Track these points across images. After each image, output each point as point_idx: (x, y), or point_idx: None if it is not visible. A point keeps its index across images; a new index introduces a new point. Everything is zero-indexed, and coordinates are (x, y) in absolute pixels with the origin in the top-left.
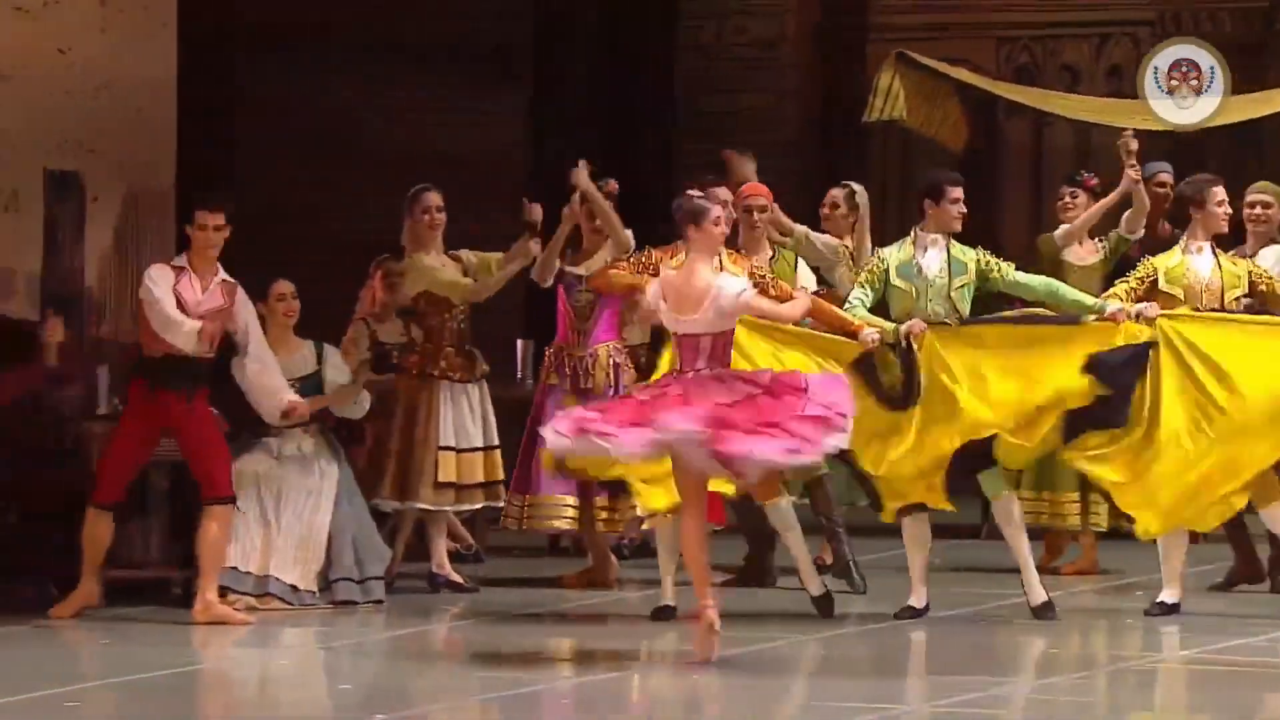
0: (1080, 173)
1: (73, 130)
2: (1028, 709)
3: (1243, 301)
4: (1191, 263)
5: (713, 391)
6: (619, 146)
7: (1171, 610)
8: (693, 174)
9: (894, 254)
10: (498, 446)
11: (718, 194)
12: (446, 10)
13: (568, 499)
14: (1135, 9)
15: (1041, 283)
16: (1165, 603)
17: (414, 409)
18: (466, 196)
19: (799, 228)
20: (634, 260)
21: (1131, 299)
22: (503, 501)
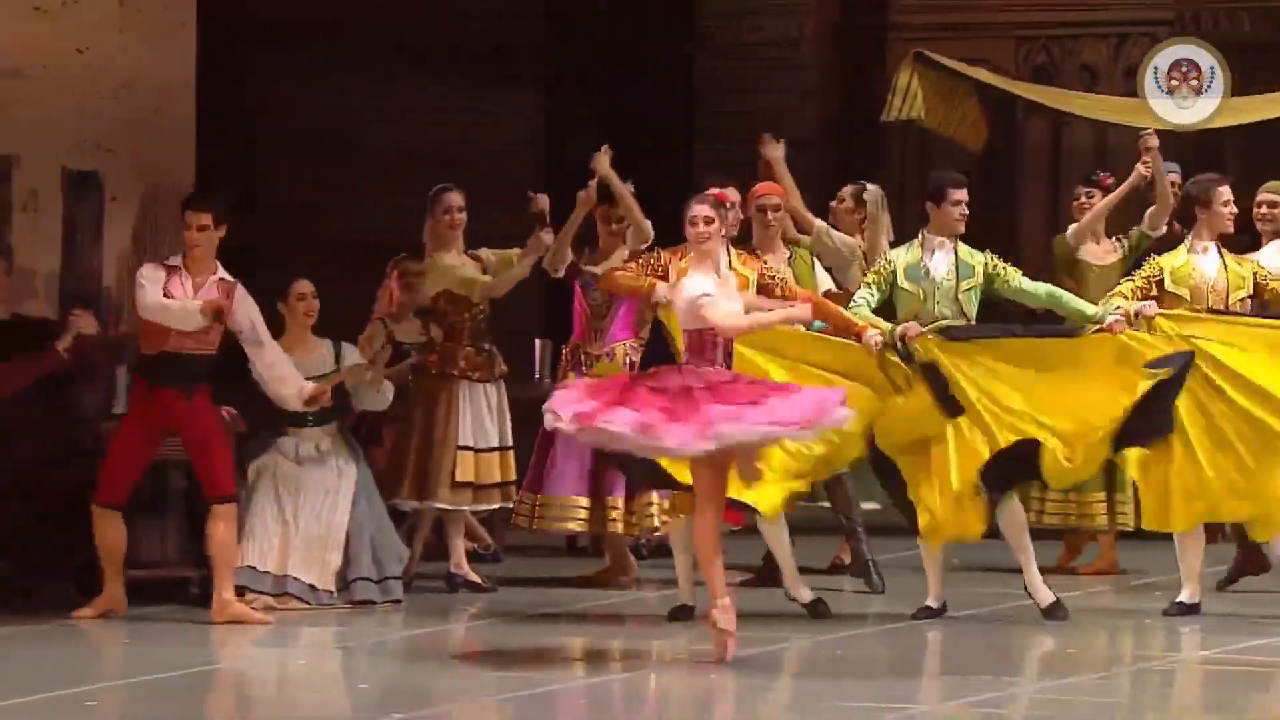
0: (1096, 172)
1: (91, 130)
2: (1044, 709)
3: (1248, 302)
4: (1197, 263)
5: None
6: (627, 147)
7: (1190, 610)
8: (704, 175)
9: (902, 256)
10: (511, 448)
11: (726, 194)
12: (466, 9)
13: (579, 500)
14: (1154, 9)
15: (1044, 290)
16: (1184, 603)
17: (433, 408)
18: (470, 196)
19: (818, 222)
20: (643, 261)
21: (1136, 298)
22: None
